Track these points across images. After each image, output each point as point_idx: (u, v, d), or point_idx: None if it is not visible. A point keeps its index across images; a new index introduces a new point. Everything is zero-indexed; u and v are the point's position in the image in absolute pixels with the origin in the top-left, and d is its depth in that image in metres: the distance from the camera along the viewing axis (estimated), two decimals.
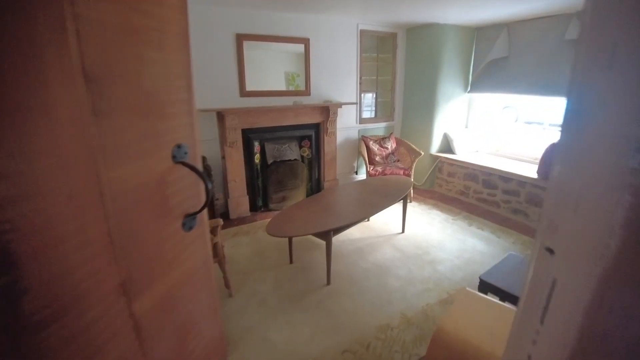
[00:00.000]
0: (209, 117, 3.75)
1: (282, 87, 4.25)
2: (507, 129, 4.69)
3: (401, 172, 4.31)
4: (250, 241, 3.35)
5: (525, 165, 4.18)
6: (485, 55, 4.52)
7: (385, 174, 4.31)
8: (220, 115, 3.66)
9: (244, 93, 3.92)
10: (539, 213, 3.82)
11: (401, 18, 4.23)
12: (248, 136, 3.92)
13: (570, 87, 0.42)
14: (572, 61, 0.42)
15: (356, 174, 5.15)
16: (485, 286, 1.92)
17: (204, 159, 3.70)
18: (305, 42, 4.18)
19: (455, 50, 4.62)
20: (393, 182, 3.56)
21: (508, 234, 3.54)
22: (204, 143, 3.82)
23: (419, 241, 3.37)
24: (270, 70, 4.17)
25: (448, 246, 3.27)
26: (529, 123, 5.05)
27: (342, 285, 2.65)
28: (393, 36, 4.89)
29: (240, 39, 3.78)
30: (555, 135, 4.07)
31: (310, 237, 3.16)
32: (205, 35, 3.56)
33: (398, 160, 4.74)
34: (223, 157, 3.81)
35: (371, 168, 4.43)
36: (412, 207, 4.28)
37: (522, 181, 3.93)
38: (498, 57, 4.35)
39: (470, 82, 4.83)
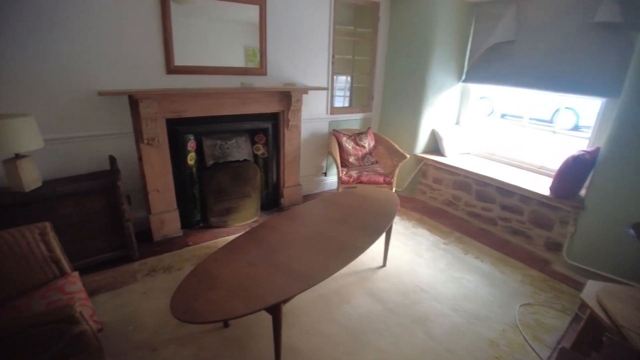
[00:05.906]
0: (119, 102, 2.65)
1: (241, 64, 3.20)
2: (505, 130, 3.91)
3: (381, 178, 3.43)
4: (170, 283, 2.36)
5: (526, 175, 3.42)
6: (487, 37, 3.65)
7: (361, 181, 3.41)
8: (133, 101, 2.57)
9: (171, 69, 2.82)
10: (545, 236, 3.10)
11: None
12: (176, 129, 2.85)
13: None
14: None
15: (325, 175, 4.23)
16: None
17: (112, 159, 2.62)
18: (261, 3, 3.12)
19: (451, 29, 3.72)
20: (374, 200, 2.67)
21: (512, 267, 2.79)
22: (112, 138, 2.73)
23: (405, 282, 2.53)
24: (225, 44, 3.08)
25: (442, 290, 2.46)
26: (503, 116, 4.32)
27: None
28: (375, 6, 3.91)
29: None
30: (571, 143, 3.32)
31: None
32: None
33: (377, 162, 3.86)
34: (140, 159, 2.74)
35: (344, 172, 3.52)
36: (393, 223, 3.43)
37: (526, 196, 3.17)
38: (502, 41, 3.50)
39: (465, 69, 3.97)
